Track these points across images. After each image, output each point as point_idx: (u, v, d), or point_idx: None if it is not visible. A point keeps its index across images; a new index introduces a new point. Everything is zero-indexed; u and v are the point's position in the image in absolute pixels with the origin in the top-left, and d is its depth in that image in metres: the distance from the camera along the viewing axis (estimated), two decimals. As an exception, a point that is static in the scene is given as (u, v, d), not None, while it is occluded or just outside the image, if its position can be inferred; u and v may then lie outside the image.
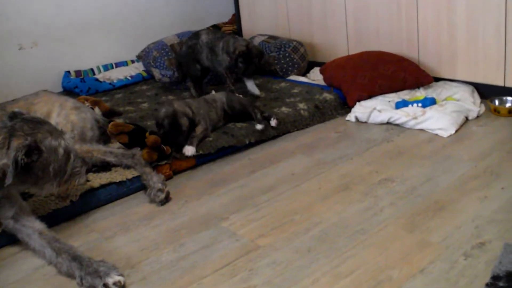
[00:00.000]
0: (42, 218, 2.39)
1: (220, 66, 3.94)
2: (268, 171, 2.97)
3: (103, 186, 2.76)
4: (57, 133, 2.35)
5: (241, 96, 3.67)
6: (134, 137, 3.03)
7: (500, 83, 3.50)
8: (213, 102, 3.44)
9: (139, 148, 2.95)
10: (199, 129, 3.17)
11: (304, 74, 4.61)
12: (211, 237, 2.34)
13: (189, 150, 3.02)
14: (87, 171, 2.51)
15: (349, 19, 4.33)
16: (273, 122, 3.39)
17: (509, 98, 3.45)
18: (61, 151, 2.33)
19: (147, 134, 2.94)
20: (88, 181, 2.71)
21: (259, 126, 3.35)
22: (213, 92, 3.82)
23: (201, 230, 2.41)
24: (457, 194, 2.47)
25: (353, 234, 2.23)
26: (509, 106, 3.39)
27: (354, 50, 4.33)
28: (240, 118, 3.46)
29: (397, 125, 3.40)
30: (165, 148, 2.96)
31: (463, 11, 3.56)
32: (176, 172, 3.03)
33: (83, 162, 2.48)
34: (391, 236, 2.20)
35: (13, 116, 2.31)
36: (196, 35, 4.10)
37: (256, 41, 4.75)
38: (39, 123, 2.33)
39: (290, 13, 4.83)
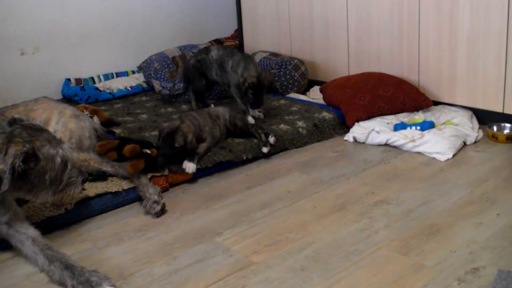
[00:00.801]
0: (36, 225, 2.38)
1: (229, 83, 3.90)
2: (265, 188, 2.97)
3: (98, 196, 2.75)
4: (55, 141, 2.35)
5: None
6: (122, 151, 3.02)
7: (499, 109, 3.52)
8: (217, 119, 3.43)
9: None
10: (203, 146, 3.16)
11: (304, 92, 4.63)
12: (205, 252, 2.33)
13: (189, 167, 2.99)
14: (84, 182, 2.50)
15: (351, 40, 4.35)
16: (271, 140, 3.39)
17: (507, 125, 3.46)
18: (58, 160, 2.32)
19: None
20: (83, 189, 2.70)
21: (265, 149, 3.34)
22: (212, 106, 3.83)
23: (195, 244, 2.40)
24: (453, 219, 2.47)
25: (347, 255, 2.23)
26: (507, 133, 3.40)
27: (354, 71, 4.35)
28: (240, 136, 3.45)
29: (395, 147, 3.41)
30: (149, 151, 2.93)
31: (465, 36, 3.58)
32: (172, 185, 3.02)
33: (80, 172, 2.47)
34: (385, 258, 2.19)
35: (13, 122, 2.31)
36: (206, 50, 4.07)
37: (258, 58, 4.77)
38: (38, 131, 2.33)
39: (292, 32, 4.86)
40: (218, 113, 3.50)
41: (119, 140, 3.09)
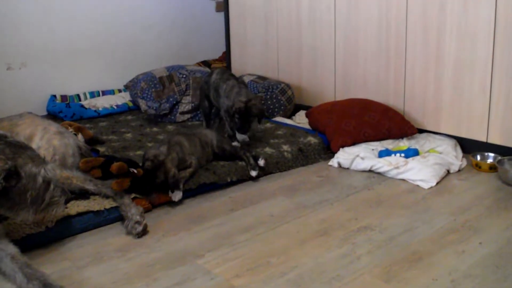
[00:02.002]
0: (15, 242, 2.35)
1: (221, 107, 3.91)
2: (248, 211, 2.95)
3: (80, 214, 2.72)
4: (39, 160, 2.33)
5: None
6: (107, 169, 3.00)
7: (483, 139, 3.54)
8: (205, 145, 3.41)
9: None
10: (189, 171, 3.14)
11: (290, 117, 4.64)
12: (186, 274, 2.30)
13: (176, 196, 2.98)
14: (67, 201, 2.47)
15: (338, 66, 4.38)
16: (261, 162, 3.39)
17: (490, 154, 3.49)
18: (40, 179, 2.29)
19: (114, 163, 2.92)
20: (66, 208, 2.67)
21: (253, 173, 3.34)
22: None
23: (176, 266, 2.38)
24: (435, 247, 2.47)
25: (329, 281, 2.21)
26: (490, 162, 3.42)
27: (341, 97, 4.37)
28: (228, 159, 3.44)
29: (379, 173, 3.41)
30: (135, 170, 2.92)
31: (451, 66, 3.62)
32: (155, 206, 3.00)
33: (63, 192, 2.44)
34: (367, 284, 2.18)
35: (-4, 138, 2.29)
36: (211, 72, 4.12)
37: (245, 80, 4.78)
38: (22, 148, 2.30)
39: (280, 56, 4.89)
40: (207, 137, 3.48)
41: (104, 158, 3.08)
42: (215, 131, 3.67)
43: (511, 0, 3.27)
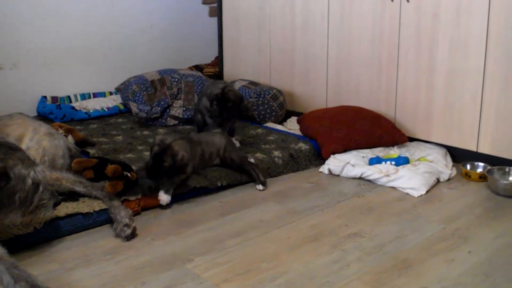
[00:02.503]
0: (3, 243, 2.31)
1: (204, 110, 3.91)
2: (238, 216, 2.95)
3: (69, 216, 2.71)
4: (28, 162, 2.31)
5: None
6: (99, 171, 2.99)
7: (473, 148, 3.56)
8: (208, 156, 3.35)
9: (107, 181, 2.92)
10: (182, 177, 3.10)
11: (281, 122, 4.63)
12: (174, 278, 2.29)
13: (163, 200, 2.97)
14: (55, 205, 2.45)
15: (330, 73, 4.38)
16: (251, 160, 3.40)
17: (480, 164, 3.51)
18: (29, 181, 2.28)
19: (108, 164, 2.91)
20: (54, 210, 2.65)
21: (260, 187, 3.31)
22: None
23: (164, 270, 2.36)
24: (425, 255, 2.47)
25: (319, 286, 2.21)
26: (480, 172, 3.44)
27: (332, 104, 4.38)
28: (233, 170, 3.40)
29: (369, 181, 3.42)
30: (129, 174, 2.91)
31: (442, 76, 3.64)
32: (145, 209, 2.98)
33: (52, 195, 2.42)
34: (356, 291, 2.18)
35: (-13, 139, 2.27)
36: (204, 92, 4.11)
37: (237, 86, 4.78)
38: (12, 149, 2.28)
39: (272, 62, 4.89)
40: (213, 148, 3.40)
41: (97, 160, 3.06)
42: (227, 138, 3.56)
43: (504, 11, 3.29)
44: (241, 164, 3.39)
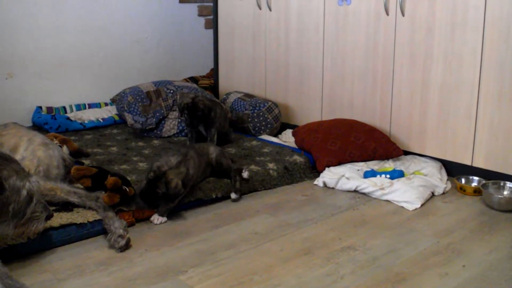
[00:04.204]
0: (-4, 253, 2.32)
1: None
2: (232, 228, 2.94)
3: (62, 226, 2.69)
4: (23, 173, 2.30)
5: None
6: (97, 181, 3.00)
7: (467, 162, 3.57)
8: (207, 166, 3.38)
9: (103, 192, 2.92)
10: (176, 202, 3.06)
11: (276, 135, 4.64)
12: (168, 289, 2.29)
13: (156, 220, 2.97)
14: (48, 218, 2.44)
15: (325, 86, 4.40)
16: (245, 174, 3.40)
17: (475, 178, 3.51)
18: (24, 192, 2.27)
19: (108, 176, 2.91)
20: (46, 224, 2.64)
21: (234, 196, 3.32)
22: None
23: (157, 281, 2.36)
24: (418, 268, 2.47)
25: (312, 300, 2.21)
26: (475, 186, 3.44)
27: (327, 116, 4.39)
28: (221, 176, 3.42)
29: (364, 194, 3.42)
30: (127, 189, 2.91)
31: (437, 89, 3.65)
32: (139, 220, 2.97)
33: (45, 208, 2.41)
34: (350, 304, 2.18)
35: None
36: None
37: (232, 98, 4.79)
38: (7, 160, 2.28)
39: (268, 75, 4.90)
40: (209, 157, 3.43)
41: (97, 170, 3.06)
42: (219, 147, 3.63)
43: (498, 26, 3.31)
44: (228, 169, 3.41)
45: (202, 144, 3.67)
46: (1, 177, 2.18)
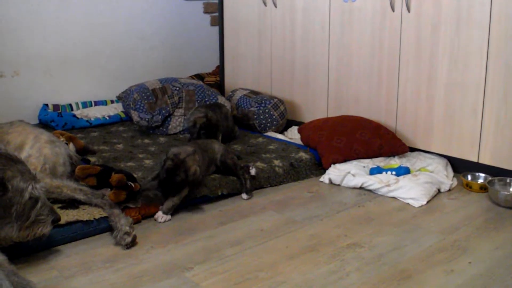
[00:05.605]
0: (2, 250, 2.32)
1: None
2: (237, 225, 2.95)
3: (69, 224, 2.71)
4: (28, 175, 2.30)
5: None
6: (102, 179, 3.01)
7: (474, 159, 3.55)
8: (210, 163, 3.38)
9: (109, 189, 2.92)
10: (184, 192, 3.08)
11: (282, 132, 4.64)
12: (173, 286, 2.29)
13: (161, 218, 2.97)
14: (54, 222, 2.44)
15: (331, 83, 4.39)
16: (252, 171, 3.40)
17: (481, 175, 3.51)
18: (26, 195, 2.27)
19: (113, 173, 2.92)
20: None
21: (245, 196, 3.33)
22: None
23: (163, 278, 2.36)
24: (424, 265, 2.47)
25: (318, 296, 2.21)
26: (481, 183, 3.43)
27: (333, 113, 4.38)
28: (226, 174, 3.42)
29: (369, 190, 3.42)
30: (133, 185, 2.92)
31: (443, 85, 3.64)
32: (145, 217, 2.98)
33: (50, 211, 2.42)
34: (355, 301, 2.18)
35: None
36: None
37: (238, 95, 4.79)
38: (12, 161, 2.28)
39: (273, 72, 4.90)
40: (214, 149, 3.46)
41: (101, 168, 3.07)
42: (224, 145, 3.64)
43: (504, 23, 3.30)
44: (234, 167, 3.41)
45: (206, 140, 3.67)
46: (4, 177, 2.18)
